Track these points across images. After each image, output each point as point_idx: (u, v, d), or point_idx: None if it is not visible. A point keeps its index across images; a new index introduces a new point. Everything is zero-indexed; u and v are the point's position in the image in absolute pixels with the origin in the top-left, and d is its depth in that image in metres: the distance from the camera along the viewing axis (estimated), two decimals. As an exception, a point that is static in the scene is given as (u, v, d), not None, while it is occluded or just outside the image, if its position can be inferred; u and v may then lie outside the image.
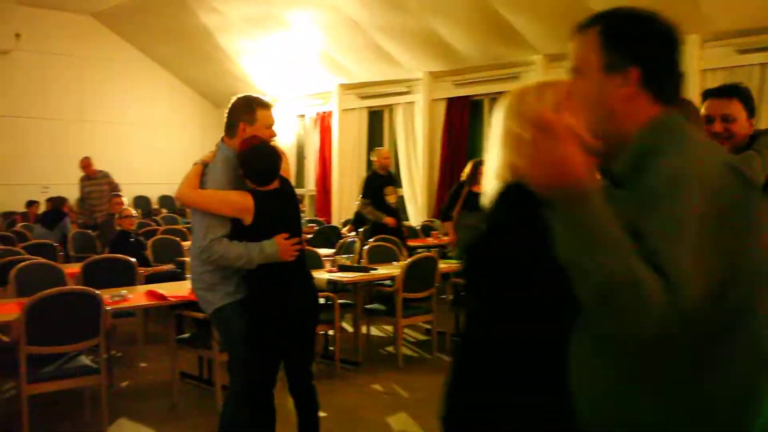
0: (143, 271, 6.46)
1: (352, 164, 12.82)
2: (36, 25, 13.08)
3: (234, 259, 3.51)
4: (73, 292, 4.59)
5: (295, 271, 3.61)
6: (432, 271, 6.44)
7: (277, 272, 3.55)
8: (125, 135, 14.05)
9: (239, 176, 3.56)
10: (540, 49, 9.61)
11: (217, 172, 3.59)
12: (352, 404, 5.34)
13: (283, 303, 3.58)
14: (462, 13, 9.56)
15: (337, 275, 6.20)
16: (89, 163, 10.75)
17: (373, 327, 7.46)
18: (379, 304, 6.66)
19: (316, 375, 6.01)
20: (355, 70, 12.11)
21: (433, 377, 5.95)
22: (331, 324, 6.02)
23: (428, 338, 7.02)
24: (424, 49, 10.72)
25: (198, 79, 14.46)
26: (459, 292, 7.11)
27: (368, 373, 6.09)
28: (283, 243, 3.51)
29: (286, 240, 3.53)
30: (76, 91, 13.75)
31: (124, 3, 12.63)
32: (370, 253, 7.24)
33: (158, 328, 7.17)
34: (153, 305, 5.20)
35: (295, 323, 3.63)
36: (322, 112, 13.39)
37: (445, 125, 11.27)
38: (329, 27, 11.18)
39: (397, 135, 12.12)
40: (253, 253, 3.49)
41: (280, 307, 3.57)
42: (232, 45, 12.79)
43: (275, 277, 3.56)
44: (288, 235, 3.54)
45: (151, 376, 6.11)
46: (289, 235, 3.54)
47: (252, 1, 11.12)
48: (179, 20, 12.47)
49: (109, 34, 14.08)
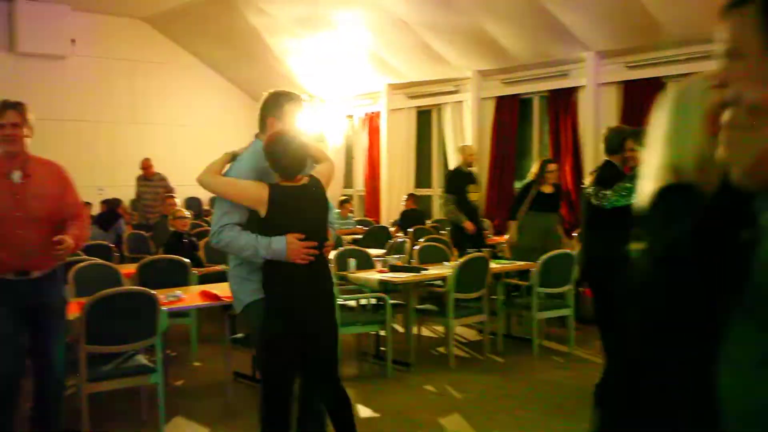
0: (196, 271, 6.52)
1: (401, 164, 12.80)
2: (90, 31, 13.34)
3: (241, 248, 3.46)
4: (131, 292, 4.66)
5: (307, 275, 3.45)
6: (484, 271, 6.39)
7: (286, 274, 3.43)
8: (176, 136, 14.25)
9: (266, 169, 3.51)
10: (591, 46, 9.47)
11: (242, 162, 3.60)
12: (404, 405, 5.32)
13: (288, 307, 3.46)
14: (511, 10, 9.47)
15: (389, 276, 6.19)
16: (149, 165, 10.97)
17: (424, 327, 7.44)
18: (431, 304, 6.64)
19: (367, 376, 6.08)
20: (404, 70, 12.09)
21: (486, 378, 5.95)
22: (382, 324, 6.02)
23: (480, 339, 6.97)
24: (472, 47, 10.65)
25: (247, 80, 14.59)
26: (510, 292, 7.04)
27: (420, 373, 6.07)
28: (294, 242, 3.39)
29: (300, 241, 3.40)
30: (129, 94, 14.00)
31: (175, 7, 12.81)
32: (420, 254, 7.21)
33: (210, 328, 7.25)
34: (207, 305, 5.25)
35: (304, 329, 3.49)
36: (370, 113, 13.39)
37: (494, 124, 11.17)
38: (377, 27, 11.18)
39: (445, 135, 12.07)
40: (260, 246, 3.41)
41: (285, 311, 3.46)
42: (280, 46, 12.88)
43: (282, 279, 3.45)
44: (303, 236, 3.41)
45: (204, 375, 6.18)
46: (305, 238, 3.41)
47: (300, 1, 11.17)
48: (228, 22, 12.60)
49: (160, 38, 14.30)
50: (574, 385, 5.69)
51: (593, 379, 5.36)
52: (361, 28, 11.42)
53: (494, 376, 6.05)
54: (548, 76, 10.27)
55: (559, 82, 10.18)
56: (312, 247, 3.42)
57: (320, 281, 3.55)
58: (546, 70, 10.27)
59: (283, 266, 3.42)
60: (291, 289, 3.46)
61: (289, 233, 3.38)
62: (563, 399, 5.40)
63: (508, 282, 6.92)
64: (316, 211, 3.56)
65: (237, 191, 3.48)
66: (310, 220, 3.49)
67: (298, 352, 3.53)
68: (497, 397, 5.50)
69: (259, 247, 3.40)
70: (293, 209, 3.45)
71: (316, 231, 3.48)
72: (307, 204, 3.51)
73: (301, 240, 3.40)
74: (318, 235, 3.48)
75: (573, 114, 10.02)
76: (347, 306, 6.37)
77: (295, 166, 3.45)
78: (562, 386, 5.72)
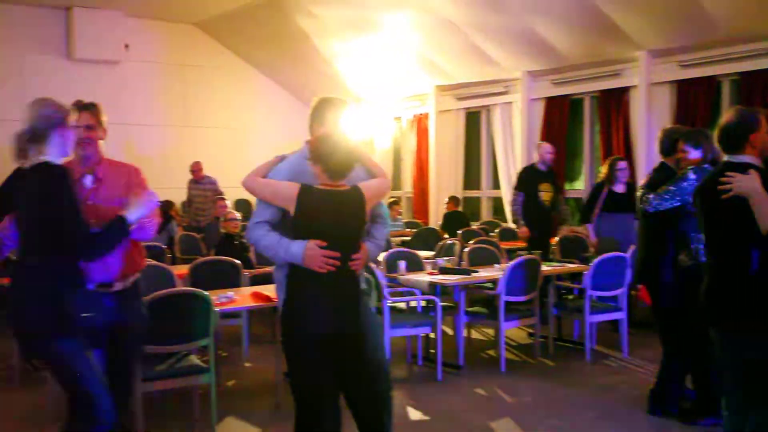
0: (247, 272, 6.58)
1: (449, 166, 12.76)
2: (143, 36, 13.58)
3: (264, 247, 3.42)
4: (186, 293, 4.71)
5: (326, 285, 3.32)
6: (535, 273, 6.32)
7: (303, 281, 3.34)
8: (226, 139, 14.42)
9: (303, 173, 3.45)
10: (643, 45, 9.31)
11: (283, 164, 3.58)
12: (456, 408, 5.29)
13: (303, 318, 3.35)
14: (561, 9, 9.36)
15: (439, 278, 6.16)
16: (199, 168, 11.14)
17: (474, 330, 7.40)
18: (480, 307, 6.59)
19: (417, 378, 6.06)
20: (452, 71, 12.04)
21: (537, 382, 5.88)
22: (432, 327, 6.00)
23: (531, 342, 6.90)
24: (522, 48, 10.56)
25: (295, 83, 14.70)
26: (562, 295, 6.95)
27: (470, 376, 6.03)
28: (313, 249, 3.26)
29: (322, 249, 3.28)
30: (181, 97, 14.22)
31: (225, 12, 12.97)
32: (470, 256, 7.17)
33: (260, 328, 7.32)
34: (258, 307, 5.29)
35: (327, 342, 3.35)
36: (418, 114, 13.37)
37: (544, 125, 11.05)
38: (426, 28, 11.16)
39: (494, 136, 11.98)
40: (280, 248, 3.34)
41: (301, 323, 3.35)
42: (329, 48, 12.94)
43: (298, 286, 3.37)
44: (325, 243, 3.28)
45: (255, 376, 6.23)
46: (329, 246, 3.28)
47: (348, 4, 11.21)
48: (277, 26, 12.71)
49: (210, 42, 14.49)
50: (627, 390, 5.60)
51: (647, 384, 5.29)
52: (410, 30, 11.41)
53: (546, 380, 5.98)
54: (599, 76, 10.12)
55: (610, 82, 10.03)
56: (336, 257, 3.29)
57: (341, 294, 3.39)
58: (597, 70, 10.12)
59: (301, 272, 3.33)
60: (304, 296, 3.37)
61: (312, 238, 3.29)
62: (616, 404, 5.31)
63: (560, 285, 6.83)
64: (347, 221, 3.39)
65: (271, 191, 3.44)
66: (336, 228, 3.35)
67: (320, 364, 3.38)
68: (549, 401, 5.43)
69: (279, 249, 3.35)
70: (320, 213, 3.34)
71: (341, 240, 3.34)
72: (338, 211, 3.36)
73: (323, 248, 3.29)
74: (343, 246, 3.34)
75: (625, 114, 9.85)
76: (397, 308, 6.36)
77: (340, 166, 3.36)
78: (615, 391, 5.63)
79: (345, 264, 3.34)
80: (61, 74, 12.88)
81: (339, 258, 3.30)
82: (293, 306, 3.39)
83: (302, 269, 3.31)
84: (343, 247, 3.34)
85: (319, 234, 3.30)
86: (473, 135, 12.63)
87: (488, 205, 12.57)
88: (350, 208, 3.39)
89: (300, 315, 3.36)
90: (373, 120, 13.90)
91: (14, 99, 12.64)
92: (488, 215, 12.40)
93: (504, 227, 10.45)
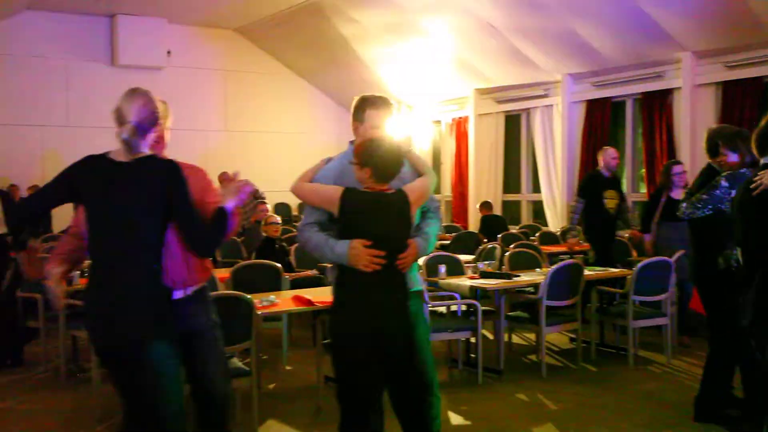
0: (288, 276, 6.61)
1: (488, 170, 12.71)
2: (185, 42, 13.79)
3: (312, 248, 3.44)
4: (229, 296, 4.75)
5: (373, 284, 3.31)
6: (577, 278, 6.24)
7: (350, 280, 3.35)
8: (266, 143, 14.55)
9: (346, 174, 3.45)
10: (687, 46, 9.17)
11: (329, 165, 3.59)
12: (496, 413, 5.25)
13: (350, 317, 3.36)
14: (602, 11, 9.27)
15: (480, 282, 6.13)
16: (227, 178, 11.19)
17: (514, 335, 7.34)
18: (522, 311, 6.54)
19: (457, 382, 6.03)
20: (492, 75, 11.99)
21: (579, 388, 5.81)
22: (473, 331, 5.97)
23: (573, 347, 6.82)
24: (562, 50, 10.47)
25: (335, 88, 14.77)
26: (604, 300, 6.86)
27: (511, 381, 5.97)
28: (357, 248, 3.26)
29: (367, 248, 3.27)
30: (222, 102, 14.39)
31: (266, 18, 13.09)
32: (511, 260, 7.12)
33: (299, 332, 7.35)
34: (300, 310, 5.31)
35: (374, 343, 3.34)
36: (457, 118, 13.34)
37: (585, 128, 10.96)
38: (465, 32, 11.13)
39: (534, 139, 11.90)
40: (326, 248, 3.35)
41: (347, 321, 3.37)
42: (369, 53, 12.98)
43: (346, 285, 3.38)
44: (370, 243, 3.27)
45: (296, 379, 6.25)
46: (374, 245, 3.27)
47: (389, 9, 11.23)
48: (318, 31, 12.79)
49: (251, 48, 14.64)
50: (671, 397, 5.50)
51: (692, 391, 5.19)
52: (449, 34, 11.40)
53: (588, 386, 5.91)
54: (642, 77, 10.01)
55: (653, 84, 9.90)
56: (382, 257, 3.28)
57: (388, 292, 3.38)
58: (639, 72, 10.00)
59: (348, 272, 3.35)
60: (351, 296, 3.38)
61: (357, 239, 3.30)
62: (660, 411, 5.22)
63: (602, 289, 6.75)
64: (391, 223, 3.38)
65: (317, 195, 3.47)
66: (381, 228, 3.34)
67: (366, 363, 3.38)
68: (591, 407, 5.36)
69: (326, 248, 3.37)
70: (363, 215, 3.36)
71: (387, 240, 3.33)
72: (382, 213, 3.37)
73: (368, 247, 3.27)
74: (389, 245, 3.32)
75: (668, 117, 9.72)
76: (437, 312, 6.34)
77: (388, 170, 3.35)
78: (659, 398, 5.53)
79: (391, 263, 3.33)
80: (104, 80, 13.13)
81: (385, 257, 3.30)
82: (341, 305, 3.42)
83: (349, 269, 3.33)
84: (389, 247, 3.33)
85: (364, 234, 3.30)
86: (513, 138, 12.57)
87: (528, 209, 12.49)
88: (395, 211, 3.39)
89: (347, 314, 3.38)
90: (412, 124, 13.90)
91: (58, 105, 12.97)
92: (528, 219, 12.32)
93: (544, 231, 10.36)
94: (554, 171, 11.49)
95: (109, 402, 5.34)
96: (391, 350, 3.40)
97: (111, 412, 5.23)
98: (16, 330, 6.61)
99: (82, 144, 11.93)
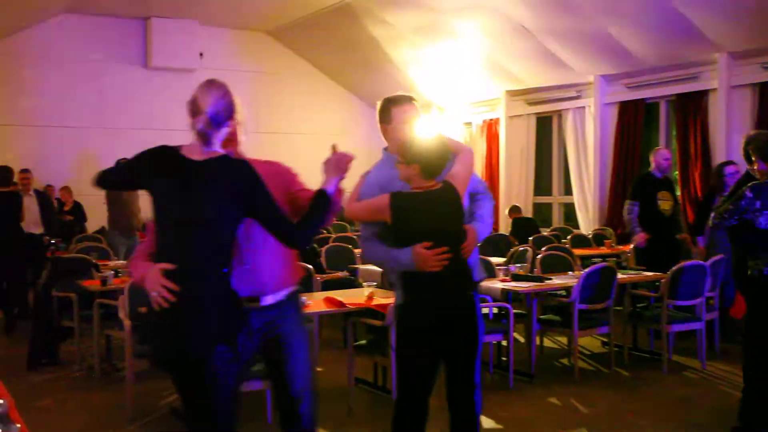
0: (319, 277, 6.63)
1: (519, 172, 12.64)
2: (217, 44, 13.89)
3: (378, 263, 3.47)
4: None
5: (444, 279, 3.30)
6: (610, 281, 6.18)
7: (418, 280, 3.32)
8: (297, 145, 14.56)
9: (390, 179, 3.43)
10: (723, 46, 9.05)
11: (370, 176, 3.57)
12: (528, 417, 5.21)
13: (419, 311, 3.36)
14: (636, 11, 9.18)
15: (512, 285, 6.09)
16: None
17: (546, 338, 7.28)
18: (553, 315, 6.49)
19: (489, 386, 5.99)
20: (523, 76, 11.93)
21: (612, 393, 5.75)
22: (504, 334, 5.93)
23: (605, 351, 6.76)
24: (595, 51, 10.39)
25: (366, 90, 14.79)
26: (636, 303, 6.78)
27: (543, 385, 5.93)
28: (420, 252, 3.23)
29: (430, 249, 3.24)
30: (253, 104, 14.45)
31: (297, 20, 13.15)
32: (542, 262, 7.07)
33: (331, 333, 7.36)
34: (332, 312, 5.32)
35: (439, 333, 3.36)
36: (488, 120, 13.29)
37: (618, 130, 10.85)
38: (496, 33, 11.08)
39: (566, 141, 11.81)
40: (391, 260, 3.35)
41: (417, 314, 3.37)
42: (400, 55, 12.98)
43: (415, 286, 3.36)
44: (431, 243, 3.25)
45: (326, 380, 6.23)
46: (435, 244, 3.25)
47: (420, 10, 11.22)
48: (348, 33, 12.81)
49: (282, 50, 14.72)
50: (707, 403, 5.43)
51: (728, 397, 5.12)
52: (480, 35, 11.36)
53: (621, 390, 5.84)
54: (676, 79, 9.89)
55: (687, 86, 9.78)
56: (445, 252, 3.26)
57: (457, 286, 3.38)
58: (674, 73, 9.89)
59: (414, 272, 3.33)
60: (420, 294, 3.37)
61: (414, 242, 3.28)
62: (696, 417, 5.15)
63: (636, 293, 6.67)
64: (446, 218, 3.37)
65: (368, 210, 3.46)
66: (437, 226, 3.33)
67: (432, 358, 3.45)
68: (624, 412, 5.30)
69: (390, 262, 3.38)
70: (416, 217, 3.34)
71: (447, 236, 3.33)
72: (434, 211, 3.35)
73: (430, 248, 3.25)
74: (449, 240, 3.32)
75: (703, 119, 9.59)
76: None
77: (436, 163, 3.33)
78: (694, 404, 5.46)
79: (456, 256, 3.32)
80: (137, 82, 13.31)
81: (448, 251, 3.27)
82: (410, 303, 3.39)
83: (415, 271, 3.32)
84: (449, 241, 3.32)
85: (421, 236, 3.28)
86: (544, 140, 12.50)
87: (560, 212, 12.40)
88: (446, 206, 3.37)
89: (416, 311, 3.37)
90: (443, 125, 13.87)
91: (92, 106, 13.14)
92: (559, 221, 12.23)
93: (576, 234, 10.27)
94: (586, 173, 11.39)
95: (142, 401, 5.41)
96: (457, 340, 3.41)
97: (144, 411, 5.29)
98: (51, 329, 6.70)
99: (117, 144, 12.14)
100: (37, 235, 8.89)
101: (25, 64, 12.51)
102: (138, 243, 9.36)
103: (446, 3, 10.79)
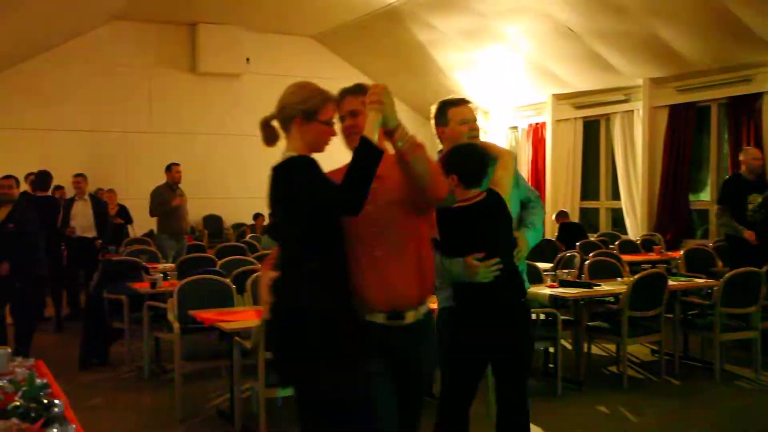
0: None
1: (566, 176, 12.50)
2: (263, 50, 14.00)
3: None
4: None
5: (497, 287, 3.24)
6: (661, 288, 6.07)
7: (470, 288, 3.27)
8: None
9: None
10: (777, 49, 8.85)
11: None
12: (576, 425, 5.15)
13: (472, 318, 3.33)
14: (687, 13, 9.00)
15: (560, 291, 6.02)
16: None
17: (594, 345, 7.17)
18: (602, 321, 6.39)
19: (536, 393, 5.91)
20: (570, 80, 11.80)
21: (662, 402, 5.64)
22: (552, 341, 5.86)
23: (655, 359, 6.63)
24: (644, 54, 10.23)
25: (412, 94, 14.75)
26: (687, 311, 6.64)
27: (591, 393, 5.84)
28: (471, 264, 3.18)
29: (481, 261, 3.19)
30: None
31: (343, 24, 13.20)
32: (590, 268, 6.97)
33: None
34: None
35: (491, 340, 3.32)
36: (534, 124, 13.18)
37: (667, 134, 10.66)
38: (543, 36, 10.98)
39: (614, 145, 11.65)
40: (445, 273, 3.29)
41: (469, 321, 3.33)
42: (446, 59, 12.94)
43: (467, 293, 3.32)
44: (483, 254, 3.20)
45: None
46: (486, 254, 3.20)
47: (466, 15, 11.17)
48: (394, 37, 12.82)
49: (328, 54, 14.78)
50: (762, 415, 5.29)
51: (785, 408, 4.99)
52: (527, 39, 11.27)
53: (672, 400, 5.73)
54: (728, 82, 9.68)
55: (740, 88, 9.57)
56: (497, 261, 3.22)
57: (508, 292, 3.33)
58: (725, 76, 9.68)
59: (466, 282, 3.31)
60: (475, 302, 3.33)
61: (465, 254, 3.23)
62: (747, 428, 5.03)
63: (687, 300, 6.53)
64: (494, 229, 3.31)
65: None
66: (487, 237, 3.28)
67: (481, 365, 3.44)
68: (675, 422, 5.20)
69: (444, 275, 3.32)
70: (463, 232, 3.29)
71: (496, 245, 3.29)
72: (482, 221, 3.30)
73: (481, 259, 3.20)
74: (500, 249, 3.28)
75: (756, 122, 9.38)
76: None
77: (473, 171, 3.29)
78: (748, 414, 5.33)
79: (508, 264, 3.29)
80: (185, 87, 13.49)
81: (499, 261, 3.23)
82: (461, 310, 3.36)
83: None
84: (500, 251, 3.27)
85: (472, 248, 3.23)
86: (591, 144, 12.34)
87: (607, 216, 12.23)
88: (494, 217, 3.32)
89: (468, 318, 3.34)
90: (489, 130, 13.80)
91: (141, 112, 13.35)
92: (607, 226, 12.06)
93: (624, 239, 10.11)
94: (635, 178, 11.22)
95: (190, 403, 5.46)
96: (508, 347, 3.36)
97: (193, 413, 5.34)
98: (102, 330, 6.81)
99: (164, 149, 12.32)
100: (89, 239, 9.03)
101: (75, 70, 12.75)
102: (186, 246, 9.48)
103: (492, 6, 10.73)
